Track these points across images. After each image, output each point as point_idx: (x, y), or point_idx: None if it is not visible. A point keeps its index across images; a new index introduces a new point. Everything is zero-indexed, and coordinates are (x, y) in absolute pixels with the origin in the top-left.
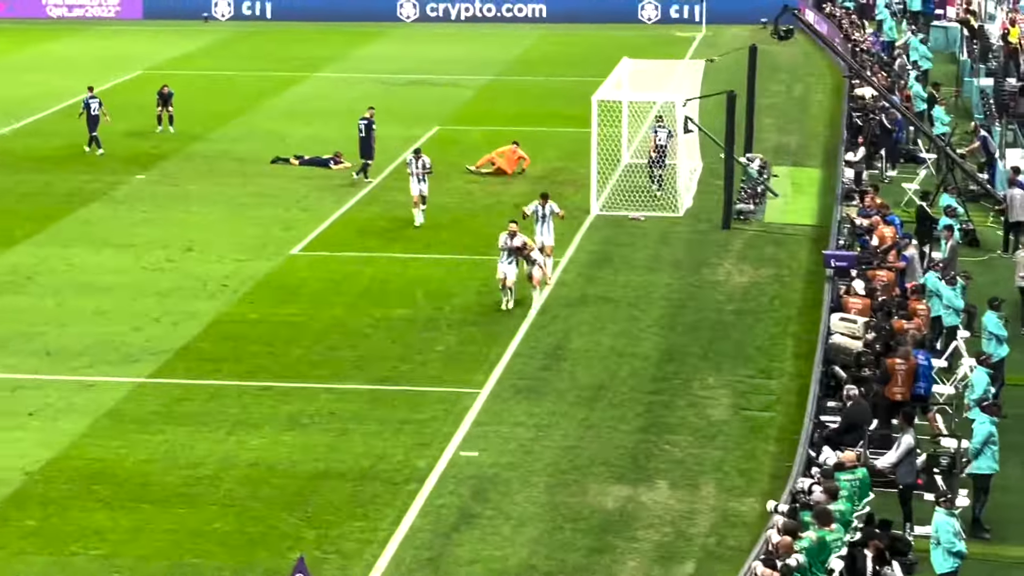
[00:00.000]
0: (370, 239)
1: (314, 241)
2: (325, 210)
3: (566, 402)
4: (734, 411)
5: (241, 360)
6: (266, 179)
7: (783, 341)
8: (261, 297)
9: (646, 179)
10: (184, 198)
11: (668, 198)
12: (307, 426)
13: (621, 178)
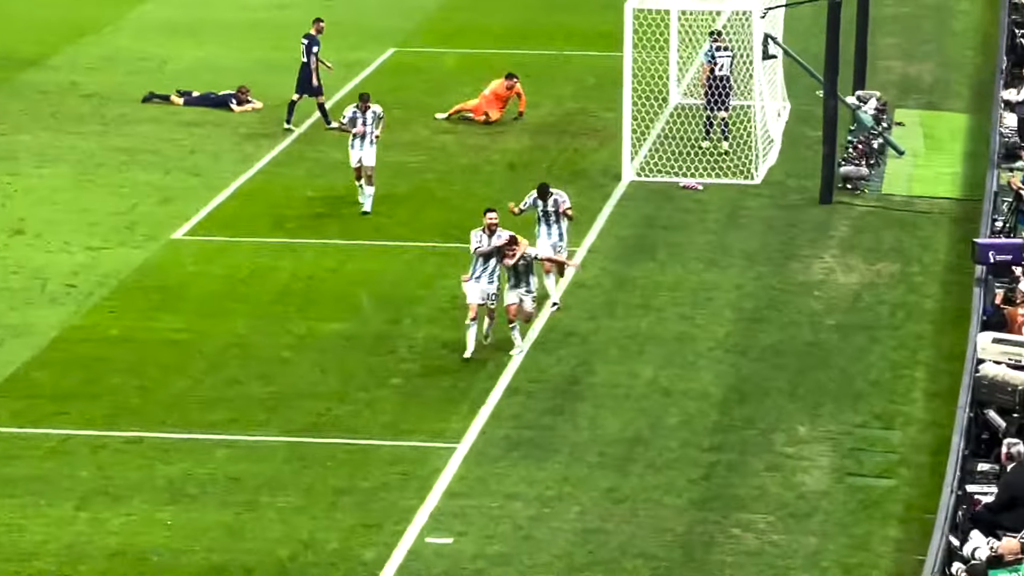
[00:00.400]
0: (289, 218)
1: (206, 220)
2: (223, 174)
3: (585, 463)
4: (837, 478)
5: (97, 397)
6: (136, 126)
7: (911, 373)
8: (127, 303)
9: (702, 127)
10: (12, 153)
11: (738, 157)
12: (196, 498)
13: (668, 127)
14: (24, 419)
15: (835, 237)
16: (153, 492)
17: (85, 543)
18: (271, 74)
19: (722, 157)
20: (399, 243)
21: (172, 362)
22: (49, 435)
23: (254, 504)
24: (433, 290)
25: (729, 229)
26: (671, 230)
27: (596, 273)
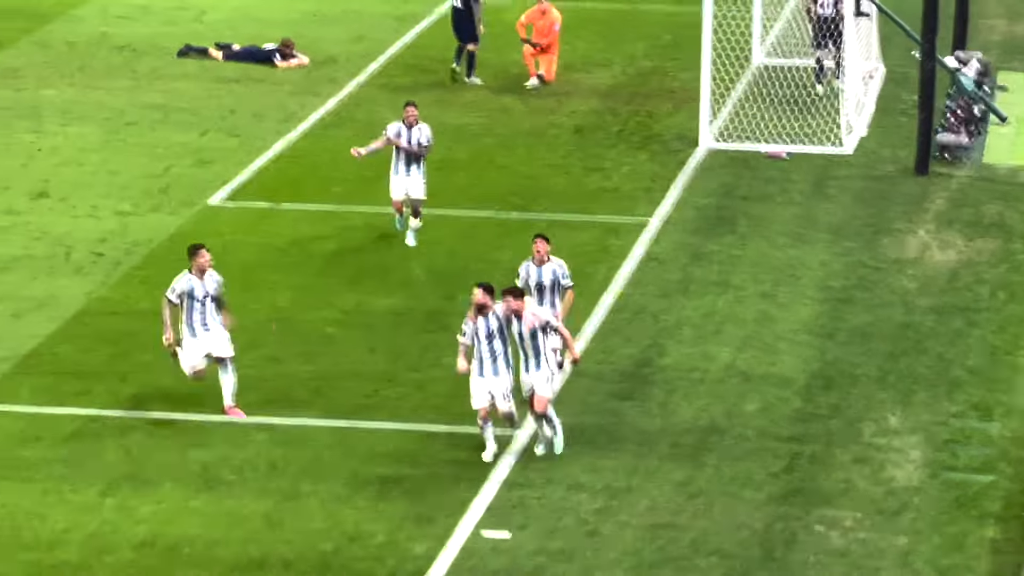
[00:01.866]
0: (335, 182)
1: (246, 184)
2: (264, 135)
3: (655, 454)
4: (931, 472)
5: (125, 375)
6: (171, 82)
7: (1012, 359)
8: (159, 274)
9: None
10: (35, 110)
11: (826, 122)
12: (232, 485)
13: (751, 89)
14: (47, 397)
15: (931, 211)
16: (185, 478)
17: (111, 532)
18: (319, 27)
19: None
20: (456, 212)
21: None
22: (73, 415)
23: (294, 493)
24: (490, 263)
25: (816, 201)
26: (752, 201)
27: (670, 247)
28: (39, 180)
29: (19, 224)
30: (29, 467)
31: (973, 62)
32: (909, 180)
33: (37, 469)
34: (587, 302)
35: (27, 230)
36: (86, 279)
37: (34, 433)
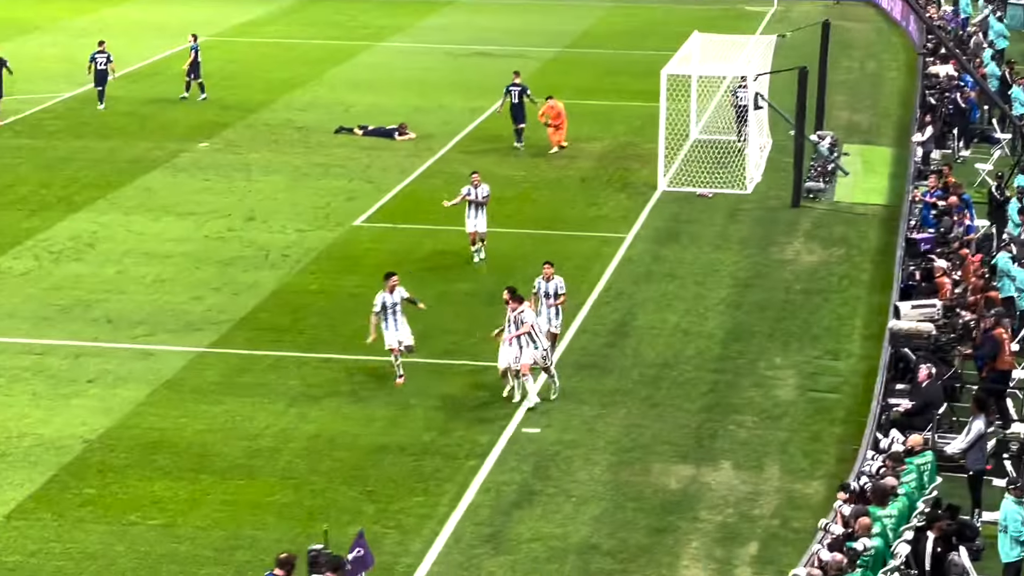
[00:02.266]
0: (433, 212)
1: (377, 212)
2: (388, 181)
3: (630, 380)
4: (800, 392)
5: (302, 331)
6: (330, 149)
7: (851, 322)
8: (323, 268)
9: (716, 153)
10: (246, 167)
11: (736, 174)
12: (368, 399)
13: (689, 153)
14: (253, 344)
15: (801, 230)
16: (339, 396)
17: (293, 428)
18: (422, 115)
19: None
20: (505, 230)
21: (352, 308)
22: (269, 355)
23: (406, 405)
24: (528, 261)
25: (729, 223)
26: (690, 223)
27: (639, 252)
28: (249, 209)
29: (237, 237)
30: (241, 387)
31: (828, 137)
32: (787, 211)
33: (246, 389)
34: (588, 286)
35: (241, 241)
36: (278, 271)
37: (246, 367)
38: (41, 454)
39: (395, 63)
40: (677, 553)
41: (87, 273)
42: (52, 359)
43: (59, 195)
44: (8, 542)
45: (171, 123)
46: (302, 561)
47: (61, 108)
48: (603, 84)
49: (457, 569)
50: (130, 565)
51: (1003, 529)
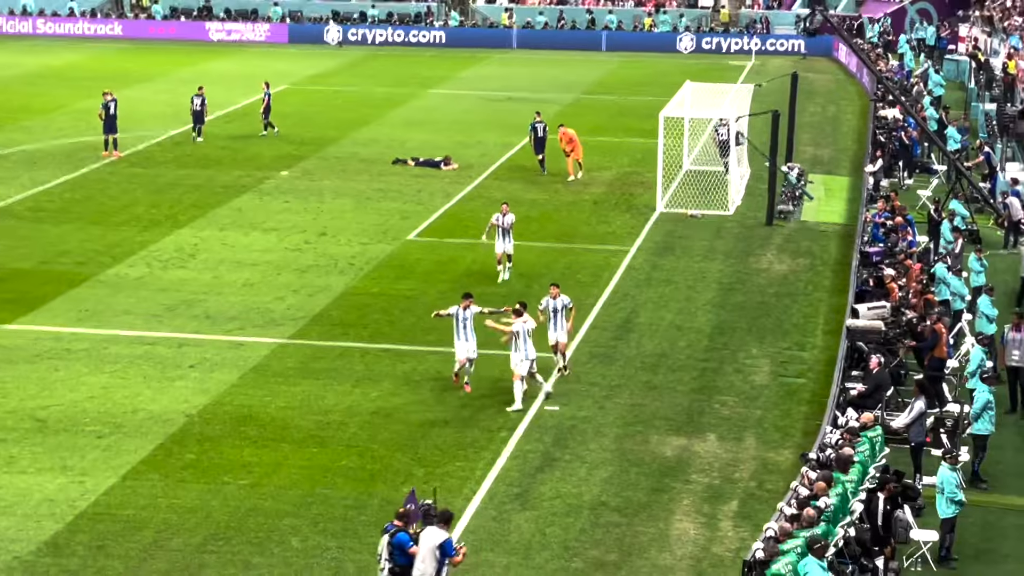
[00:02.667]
0: (472, 228)
1: (426, 229)
2: (436, 204)
3: (633, 367)
4: (773, 377)
5: (365, 326)
6: (388, 177)
7: (815, 320)
8: (382, 274)
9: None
10: (319, 191)
11: (720, 198)
12: (418, 382)
13: (682, 182)
14: (325, 337)
15: (774, 244)
16: (394, 379)
17: (357, 406)
18: (463, 148)
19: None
20: (532, 243)
21: (406, 307)
22: (339, 346)
23: (449, 387)
24: (552, 268)
25: (715, 238)
26: (683, 238)
27: (641, 262)
28: (321, 226)
29: (312, 249)
30: (314, 372)
31: (796, 168)
32: (762, 228)
33: (319, 373)
34: (598, 290)
35: (315, 252)
36: (345, 277)
37: (319, 355)
38: (151, 426)
39: (441, 106)
40: (672, 509)
41: (189, 278)
42: (160, 348)
43: (166, 214)
44: (123, 498)
45: (257, 155)
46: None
47: (168, 143)
48: (612, 124)
49: (491, 522)
50: (223, 517)
51: (940, 491)
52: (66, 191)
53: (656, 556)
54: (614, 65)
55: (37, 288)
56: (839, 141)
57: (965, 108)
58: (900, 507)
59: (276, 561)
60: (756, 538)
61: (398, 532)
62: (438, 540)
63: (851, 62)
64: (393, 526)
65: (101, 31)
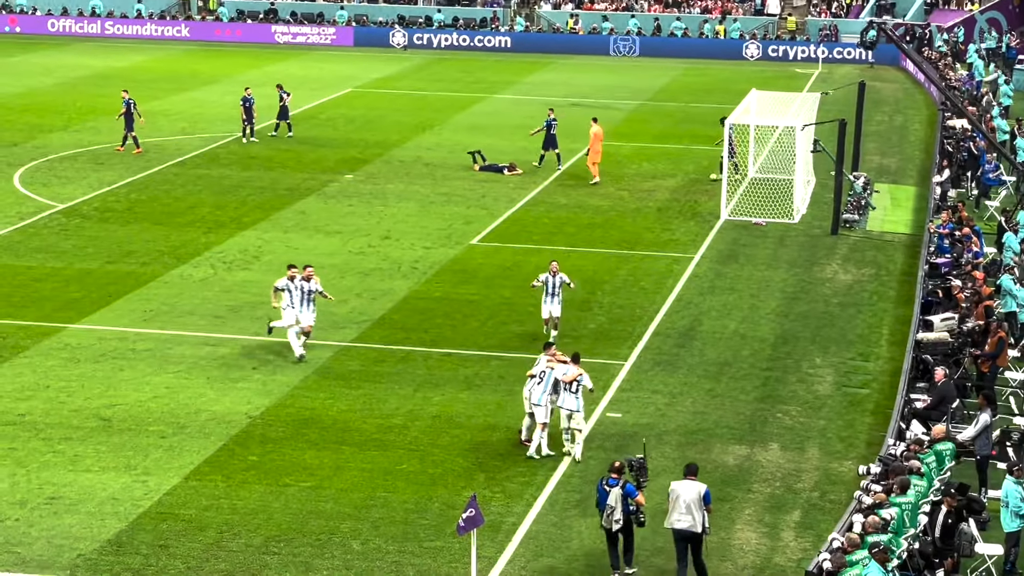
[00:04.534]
0: (535, 234)
1: (490, 234)
2: (499, 209)
3: (696, 375)
4: (837, 387)
5: (427, 330)
6: (452, 182)
7: (880, 330)
8: (445, 278)
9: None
10: (383, 195)
11: (786, 207)
12: (480, 387)
13: (747, 189)
14: (388, 340)
15: (839, 253)
16: (455, 383)
17: (419, 409)
18: (525, 155)
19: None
20: (595, 249)
21: (469, 312)
22: (401, 350)
23: (512, 391)
24: (614, 276)
25: (779, 247)
26: (747, 247)
27: (705, 269)
28: (385, 229)
29: (374, 252)
30: (377, 376)
31: (862, 178)
32: (828, 237)
33: (381, 377)
34: (661, 298)
35: (378, 255)
36: (408, 280)
37: (381, 358)
38: (214, 427)
39: (505, 111)
40: (733, 518)
41: (253, 280)
42: (224, 349)
43: (231, 216)
44: (186, 498)
45: (322, 159)
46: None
47: (234, 145)
48: (677, 131)
49: (552, 528)
50: (285, 519)
51: (1005, 504)
52: (132, 192)
53: (718, 565)
54: (679, 72)
55: (103, 288)
56: (906, 150)
57: None
58: (965, 520)
59: (336, 564)
60: (818, 548)
61: (626, 483)
62: (701, 490)
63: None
64: (615, 480)
65: (168, 33)
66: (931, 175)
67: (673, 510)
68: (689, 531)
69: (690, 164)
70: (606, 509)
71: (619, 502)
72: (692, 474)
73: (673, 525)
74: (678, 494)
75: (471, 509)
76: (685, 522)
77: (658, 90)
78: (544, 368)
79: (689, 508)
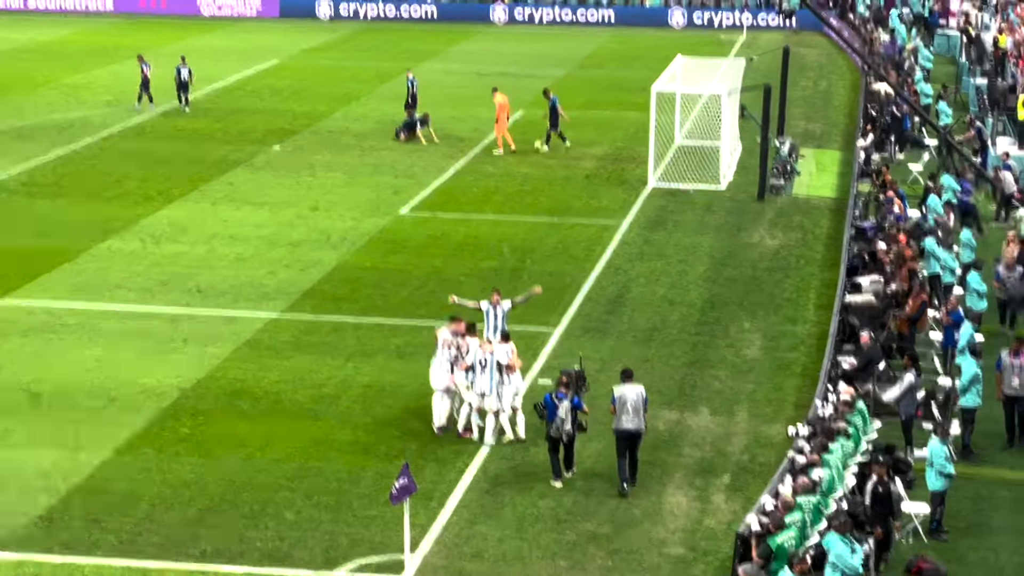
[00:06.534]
0: (464, 202)
1: (419, 204)
2: (428, 179)
3: (625, 341)
4: (765, 351)
5: (357, 300)
6: (380, 152)
7: (807, 294)
8: (374, 249)
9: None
10: (311, 166)
11: (712, 173)
12: (411, 356)
13: (674, 156)
14: (318, 311)
15: (766, 218)
16: (387, 353)
17: (350, 379)
18: (454, 123)
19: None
20: (525, 218)
21: (399, 282)
22: (332, 320)
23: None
24: (543, 243)
25: (706, 213)
26: (675, 213)
27: (633, 236)
28: (313, 200)
29: (303, 223)
30: (309, 346)
31: (788, 142)
32: (754, 203)
33: (313, 347)
34: (591, 264)
35: (307, 226)
36: (337, 251)
37: (311, 329)
38: (144, 400)
39: (433, 81)
40: (664, 482)
41: (182, 252)
42: (154, 322)
43: (159, 189)
44: (117, 472)
45: (249, 130)
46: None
47: (161, 118)
48: (604, 98)
49: (485, 495)
50: (218, 491)
51: (930, 464)
52: (59, 166)
53: (649, 529)
54: (605, 39)
55: (30, 262)
56: (830, 115)
57: (956, 83)
58: (891, 480)
59: (270, 535)
60: (748, 511)
61: (574, 396)
62: (642, 391)
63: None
64: (563, 394)
65: (93, 6)
66: (855, 139)
67: (622, 413)
68: (635, 431)
69: (618, 132)
70: (556, 421)
71: (568, 414)
72: (629, 378)
73: (622, 426)
74: (625, 399)
75: (404, 478)
76: (633, 424)
77: (584, 58)
78: (484, 356)
79: (636, 410)
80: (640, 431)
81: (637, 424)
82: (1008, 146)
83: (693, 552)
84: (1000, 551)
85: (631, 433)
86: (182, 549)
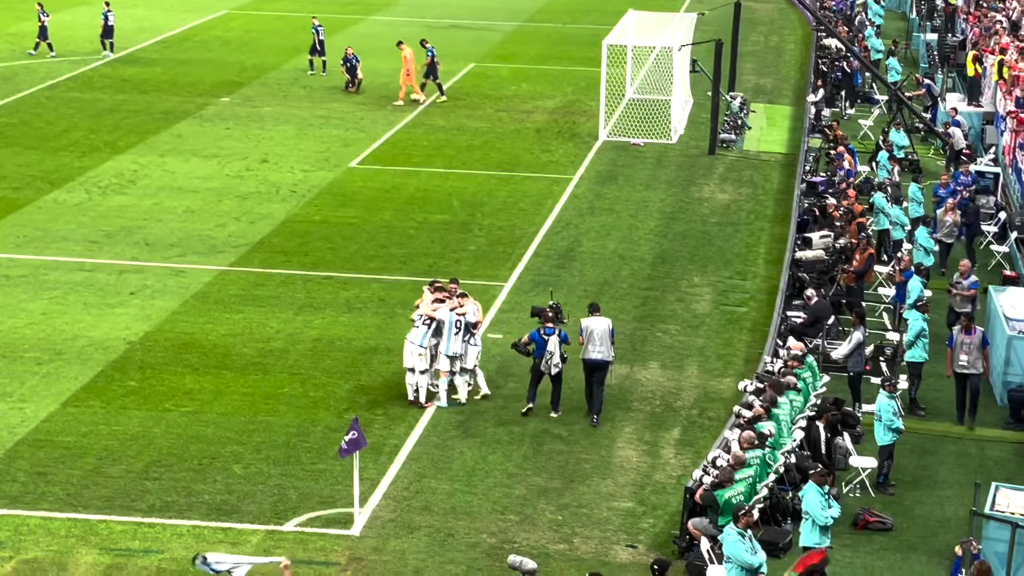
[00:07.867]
0: (414, 156)
1: (368, 156)
2: (378, 131)
3: (576, 295)
4: (715, 306)
5: (307, 253)
6: (330, 104)
7: (757, 249)
8: (324, 202)
9: (646, 110)
10: (260, 118)
11: (663, 127)
12: (361, 309)
13: (625, 110)
14: (267, 264)
15: (716, 173)
16: (336, 306)
17: (300, 332)
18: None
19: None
20: (475, 171)
21: (349, 235)
22: (281, 274)
23: (392, 314)
24: (493, 196)
25: (657, 167)
26: (625, 167)
27: (584, 190)
28: (262, 153)
29: (252, 175)
30: (257, 300)
31: (738, 97)
32: (705, 157)
33: (262, 301)
34: (541, 219)
35: (256, 179)
36: (287, 204)
37: (260, 282)
38: (91, 353)
39: (384, 33)
40: (614, 437)
41: (129, 204)
42: (100, 275)
43: (105, 140)
44: (64, 425)
45: (198, 81)
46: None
47: (106, 68)
48: (555, 52)
49: (434, 449)
50: (166, 444)
51: (878, 419)
52: (2, 116)
53: (599, 483)
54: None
55: None
56: (781, 70)
57: (907, 38)
58: (840, 435)
59: (218, 488)
60: (697, 465)
61: (561, 331)
62: (609, 324)
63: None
64: (551, 329)
65: None
66: (806, 95)
67: (589, 342)
68: (603, 360)
69: (568, 86)
70: (545, 355)
71: (557, 347)
72: (596, 310)
73: (590, 356)
74: (592, 328)
75: (353, 431)
76: (600, 354)
77: (535, 11)
78: (457, 317)
79: (603, 340)
80: (608, 361)
81: (604, 353)
82: (957, 102)
83: (643, 506)
84: (946, 504)
85: (598, 363)
86: (129, 503)
